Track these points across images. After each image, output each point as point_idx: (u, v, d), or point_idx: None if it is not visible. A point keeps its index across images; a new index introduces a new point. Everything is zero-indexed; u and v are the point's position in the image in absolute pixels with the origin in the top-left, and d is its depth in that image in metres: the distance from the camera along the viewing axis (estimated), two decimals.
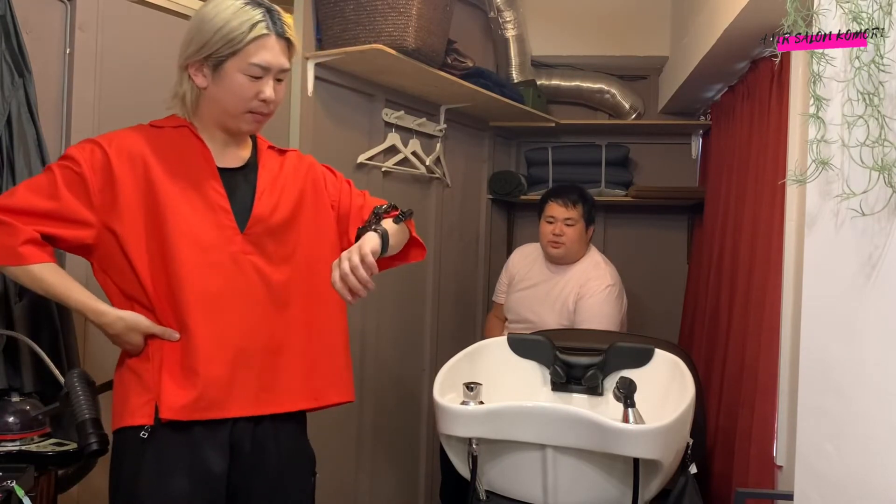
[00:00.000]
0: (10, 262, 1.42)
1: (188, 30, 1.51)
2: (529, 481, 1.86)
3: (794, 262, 2.01)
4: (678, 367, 2.08)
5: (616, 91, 3.81)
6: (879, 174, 1.10)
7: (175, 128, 1.56)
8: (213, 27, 1.46)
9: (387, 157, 2.93)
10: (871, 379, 1.16)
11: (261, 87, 1.49)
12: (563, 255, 2.89)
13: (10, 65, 1.67)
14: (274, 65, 1.49)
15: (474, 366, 2.14)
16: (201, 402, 1.47)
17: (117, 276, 1.51)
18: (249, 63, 1.47)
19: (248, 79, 1.48)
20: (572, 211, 2.87)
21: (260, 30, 1.46)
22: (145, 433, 1.46)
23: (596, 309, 2.76)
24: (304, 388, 1.61)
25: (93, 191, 1.46)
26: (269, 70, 1.49)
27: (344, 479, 2.77)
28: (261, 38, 1.47)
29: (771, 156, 2.32)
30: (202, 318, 1.48)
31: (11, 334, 1.61)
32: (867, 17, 1.13)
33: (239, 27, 1.45)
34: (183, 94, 1.54)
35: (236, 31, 1.45)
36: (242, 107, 1.51)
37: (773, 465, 2.12)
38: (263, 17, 1.47)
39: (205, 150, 1.55)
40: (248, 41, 1.46)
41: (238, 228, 1.54)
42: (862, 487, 1.18)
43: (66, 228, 1.46)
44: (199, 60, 1.49)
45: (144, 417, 1.46)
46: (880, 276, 1.14)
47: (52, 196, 1.45)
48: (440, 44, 2.73)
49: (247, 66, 1.47)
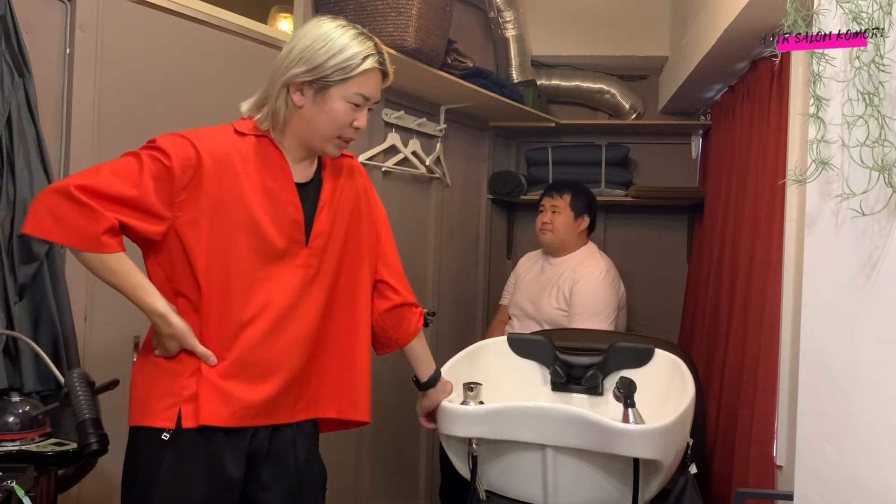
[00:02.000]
0: (90, 248, 1.39)
1: (296, 48, 1.50)
2: (529, 481, 1.86)
3: (794, 262, 2.01)
4: (678, 367, 2.08)
5: (616, 91, 3.81)
6: (879, 174, 1.10)
7: (258, 137, 1.55)
8: (328, 52, 1.48)
9: (387, 157, 2.93)
10: (871, 379, 1.16)
11: (357, 116, 1.54)
12: (553, 242, 2.97)
13: (10, 65, 1.67)
14: (374, 97, 1.55)
15: (474, 366, 2.14)
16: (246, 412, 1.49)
17: (172, 273, 1.50)
18: (355, 92, 1.51)
19: (350, 106, 1.52)
20: (558, 200, 2.98)
21: (371, 63, 1.51)
22: (167, 436, 1.45)
23: (591, 292, 2.80)
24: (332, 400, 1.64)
25: (176, 188, 1.44)
26: (368, 101, 1.54)
27: (344, 479, 2.77)
28: (371, 71, 1.52)
29: (771, 156, 2.32)
30: (257, 327, 1.49)
31: (11, 334, 1.61)
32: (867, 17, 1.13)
33: (354, 57, 1.49)
34: (276, 110, 1.53)
35: (351, 61, 1.49)
36: (335, 132, 1.54)
37: (773, 465, 2.12)
38: (374, 52, 1.52)
39: (284, 163, 1.56)
40: (359, 72, 1.50)
41: (304, 242, 1.56)
42: (862, 487, 1.18)
43: (140, 220, 1.43)
44: (306, 81, 1.50)
45: (167, 421, 1.46)
46: (880, 276, 1.14)
47: (135, 185, 1.41)
48: (440, 44, 2.73)
49: (351, 95, 1.51)
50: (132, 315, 1.96)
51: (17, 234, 1.67)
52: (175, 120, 2.05)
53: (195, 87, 2.15)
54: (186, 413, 1.46)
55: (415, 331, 1.77)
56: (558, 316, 2.84)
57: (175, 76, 2.10)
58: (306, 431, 1.62)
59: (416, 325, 1.77)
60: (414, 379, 1.84)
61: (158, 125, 2.02)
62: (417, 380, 1.84)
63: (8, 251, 1.66)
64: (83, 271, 1.87)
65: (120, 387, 1.54)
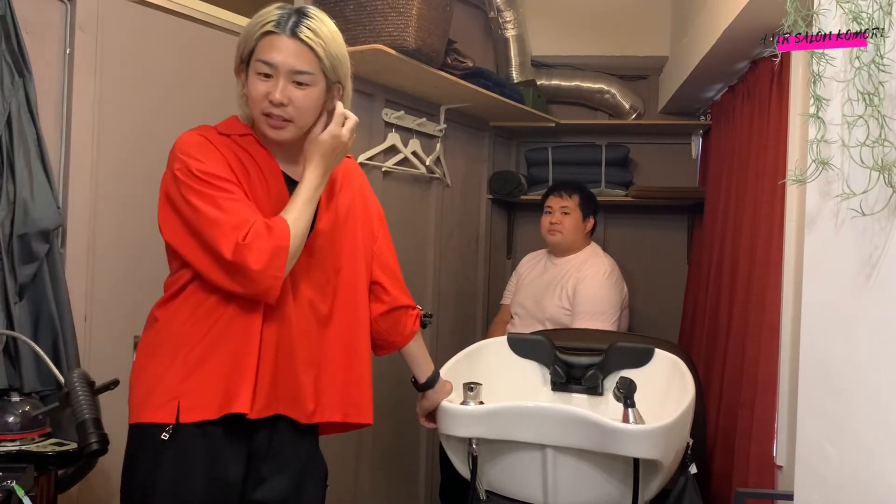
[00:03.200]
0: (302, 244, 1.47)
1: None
2: (529, 481, 1.86)
3: (794, 262, 2.01)
4: (678, 367, 2.08)
5: (616, 91, 3.81)
6: (879, 174, 1.10)
7: (241, 136, 1.53)
8: (245, 29, 1.49)
9: (387, 157, 2.93)
10: (871, 379, 1.16)
11: (269, 88, 1.46)
12: (561, 243, 2.98)
13: (10, 65, 1.67)
14: (280, 63, 1.44)
15: (474, 366, 2.14)
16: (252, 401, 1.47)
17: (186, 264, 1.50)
18: (257, 60, 1.46)
19: (260, 78, 1.46)
20: (567, 200, 2.99)
21: (269, 27, 1.45)
22: (166, 434, 1.44)
23: (594, 292, 2.81)
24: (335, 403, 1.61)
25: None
26: (276, 69, 1.45)
27: (344, 479, 2.77)
28: (268, 36, 1.45)
29: (771, 156, 2.32)
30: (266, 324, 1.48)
31: (11, 334, 1.61)
32: (867, 17, 1.13)
33: (254, 26, 1.47)
34: (240, 100, 1.54)
35: (250, 29, 1.47)
36: (258, 108, 1.48)
37: (773, 465, 2.12)
38: (278, 18, 1.46)
39: (271, 161, 1.54)
40: (257, 37, 1.46)
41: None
42: (862, 487, 1.18)
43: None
44: (237, 64, 1.51)
45: (167, 416, 1.44)
46: (880, 276, 1.14)
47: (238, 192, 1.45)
48: (440, 44, 2.72)
49: (257, 65, 1.46)
50: (132, 315, 1.98)
51: (17, 233, 1.67)
52: (175, 120, 2.05)
53: (195, 87, 2.15)
54: (185, 407, 1.44)
55: (411, 333, 1.77)
56: (561, 315, 2.84)
57: (175, 76, 2.10)
58: (308, 431, 1.61)
59: (412, 327, 1.76)
60: (412, 380, 1.84)
61: (158, 125, 2.04)
62: (416, 381, 1.84)
63: (8, 251, 1.66)
64: (83, 271, 1.88)
65: (120, 387, 1.54)
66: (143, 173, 2.00)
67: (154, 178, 1.99)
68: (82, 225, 1.88)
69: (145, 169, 2.01)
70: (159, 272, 1.57)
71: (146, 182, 2.01)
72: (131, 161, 2.00)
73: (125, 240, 1.98)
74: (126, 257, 1.98)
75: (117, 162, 1.96)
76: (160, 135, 2.03)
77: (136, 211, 2.00)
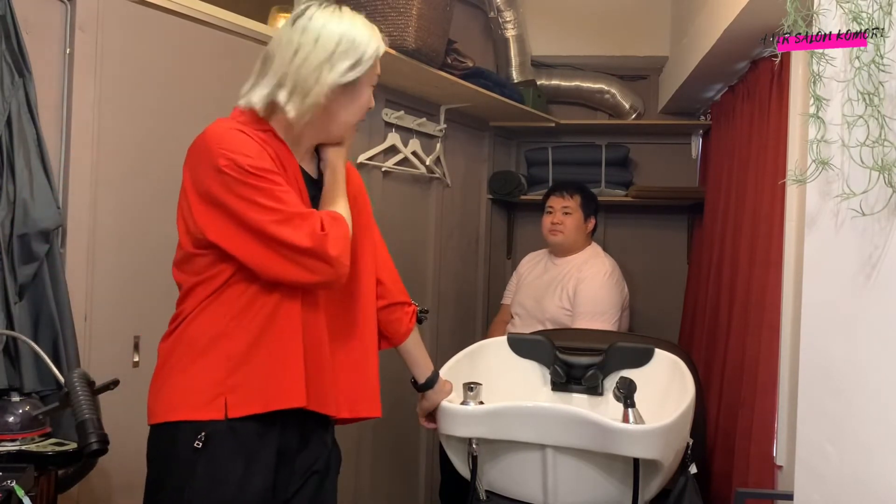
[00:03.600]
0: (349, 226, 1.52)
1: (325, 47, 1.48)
2: (529, 481, 1.86)
3: (794, 262, 2.01)
4: (678, 367, 2.08)
5: (616, 91, 3.81)
6: (879, 174, 1.10)
7: (263, 131, 1.51)
8: (360, 45, 1.50)
9: (387, 157, 2.93)
10: (871, 379, 1.16)
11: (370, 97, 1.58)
12: (563, 243, 2.98)
13: (10, 65, 1.67)
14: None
15: (474, 366, 2.14)
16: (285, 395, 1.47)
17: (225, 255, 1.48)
18: (376, 74, 1.57)
19: (371, 90, 1.57)
20: (569, 200, 3.00)
21: (382, 44, 1.56)
22: (199, 443, 1.42)
23: (595, 292, 2.82)
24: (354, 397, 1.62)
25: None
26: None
27: (344, 479, 2.76)
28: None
29: (771, 156, 2.32)
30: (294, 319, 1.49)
31: (11, 334, 1.61)
32: (867, 17, 1.13)
33: (371, 42, 1.53)
34: (306, 109, 1.49)
35: (377, 46, 1.54)
36: (361, 117, 1.58)
37: (773, 465, 2.12)
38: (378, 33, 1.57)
39: (292, 156, 1.54)
40: (377, 56, 1.55)
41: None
42: (862, 487, 1.18)
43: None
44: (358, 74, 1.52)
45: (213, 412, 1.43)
46: (880, 276, 1.14)
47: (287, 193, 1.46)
48: (440, 44, 2.73)
49: (374, 78, 1.56)
50: (132, 315, 1.98)
51: (17, 233, 1.67)
52: (175, 120, 2.06)
53: (195, 87, 2.15)
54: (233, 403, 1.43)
55: (407, 330, 1.77)
56: (562, 315, 2.85)
57: (175, 76, 2.10)
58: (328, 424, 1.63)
59: (408, 324, 1.77)
60: (412, 381, 1.84)
61: (158, 125, 2.04)
62: (415, 381, 1.84)
63: (8, 251, 1.66)
64: (83, 271, 1.88)
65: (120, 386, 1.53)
66: (144, 173, 2.00)
67: (154, 178, 2.01)
68: (82, 225, 1.88)
69: (145, 169, 2.01)
70: (159, 272, 1.57)
71: (146, 182, 2.02)
72: (131, 161, 1.99)
73: (125, 240, 1.98)
74: (126, 257, 1.98)
75: (117, 162, 1.96)
76: (160, 134, 2.04)
77: (136, 211, 2.00)
